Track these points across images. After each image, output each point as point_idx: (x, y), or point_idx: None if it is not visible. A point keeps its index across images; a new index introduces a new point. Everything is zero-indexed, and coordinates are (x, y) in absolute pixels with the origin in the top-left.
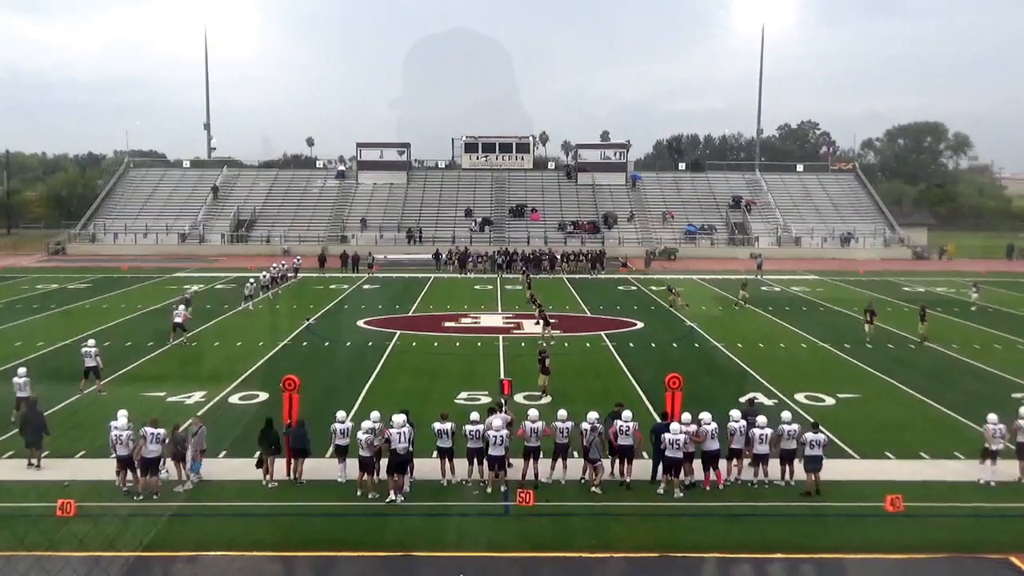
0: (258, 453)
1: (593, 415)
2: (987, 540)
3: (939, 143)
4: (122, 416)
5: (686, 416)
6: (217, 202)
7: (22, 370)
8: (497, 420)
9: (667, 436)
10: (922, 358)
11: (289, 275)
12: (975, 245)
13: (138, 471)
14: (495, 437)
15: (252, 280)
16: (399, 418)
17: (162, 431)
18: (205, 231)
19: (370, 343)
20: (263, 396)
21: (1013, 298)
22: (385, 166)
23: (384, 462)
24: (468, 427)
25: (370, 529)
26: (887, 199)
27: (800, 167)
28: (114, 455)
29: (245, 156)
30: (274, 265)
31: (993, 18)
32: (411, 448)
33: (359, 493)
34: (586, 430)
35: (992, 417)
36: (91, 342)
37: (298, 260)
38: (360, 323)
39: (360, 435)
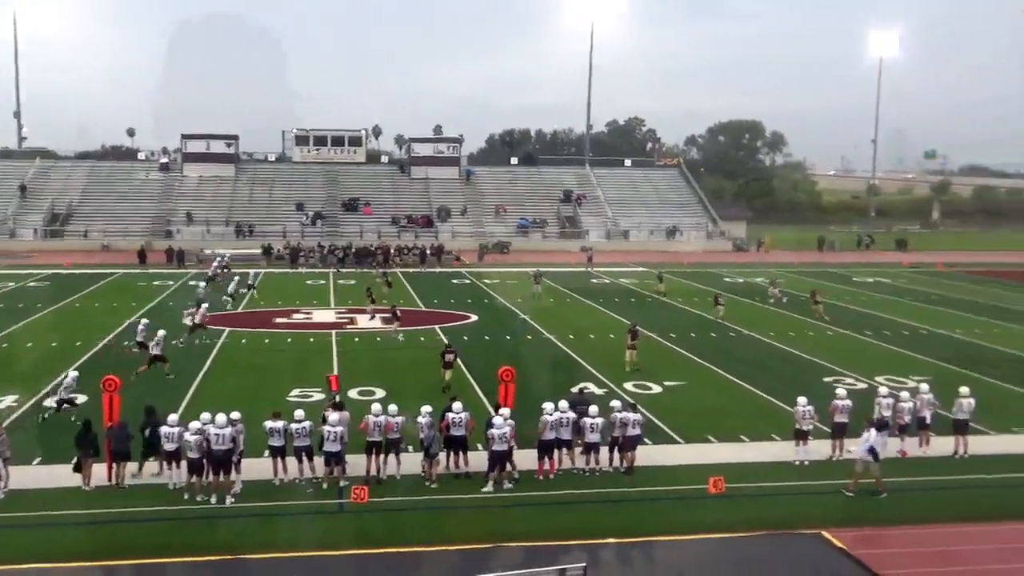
0: (75, 457)
1: (427, 408)
2: (801, 516)
3: (757, 141)
4: None
5: (549, 405)
6: (26, 199)
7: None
8: (334, 416)
9: (492, 430)
10: (742, 346)
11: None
12: (790, 237)
13: None
14: (331, 433)
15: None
16: (221, 418)
17: None
18: (16, 225)
19: (197, 341)
20: (81, 398)
21: (824, 288)
22: (212, 158)
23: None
24: (294, 425)
25: (199, 533)
26: (709, 194)
27: (628, 162)
28: None
29: (60, 146)
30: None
31: (806, 23)
32: (240, 448)
33: (186, 496)
34: (422, 424)
35: (802, 400)
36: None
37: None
38: (187, 320)
39: (187, 436)
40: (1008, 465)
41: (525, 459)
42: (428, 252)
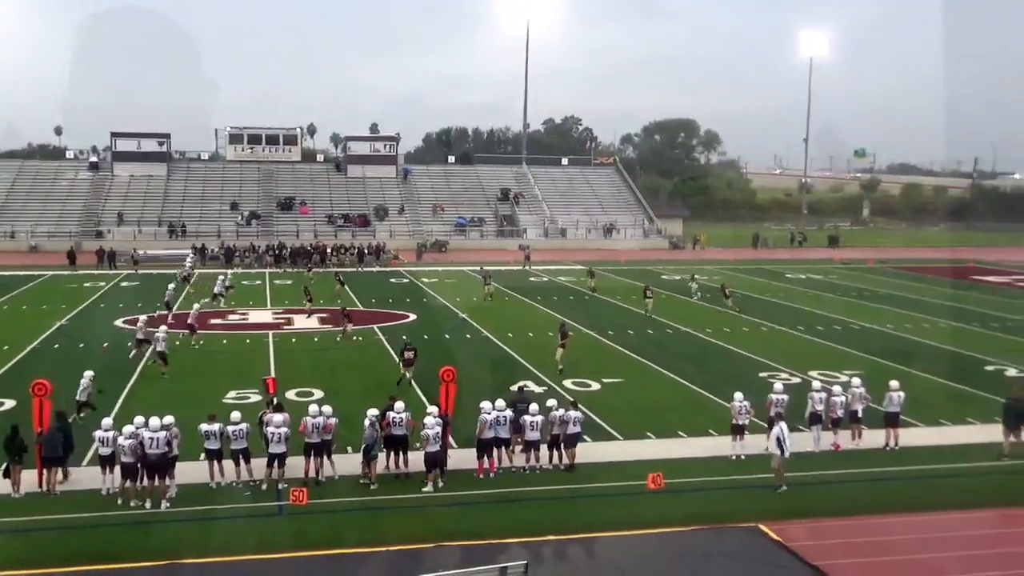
0: (4, 464)
1: (373, 412)
2: (738, 510)
3: (692, 139)
4: None
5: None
6: None
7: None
8: (279, 417)
9: (426, 431)
10: (678, 342)
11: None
12: (725, 235)
13: None
14: (276, 434)
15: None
16: (155, 421)
17: None
18: None
19: (130, 343)
20: (9, 404)
21: (758, 284)
22: (143, 157)
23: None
24: (231, 427)
25: (133, 539)
26: (645, 192)
27: (565, 161)
28: None
29: None
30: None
31: (741, 23)
32: (175, 452)
33: (120, 502)
34: (366, 425)
35: (738, 395)
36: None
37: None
38: (118, 322)
39: (121, 440)
40: (937, 456)
41: (465, 459)
42: (366, 251)
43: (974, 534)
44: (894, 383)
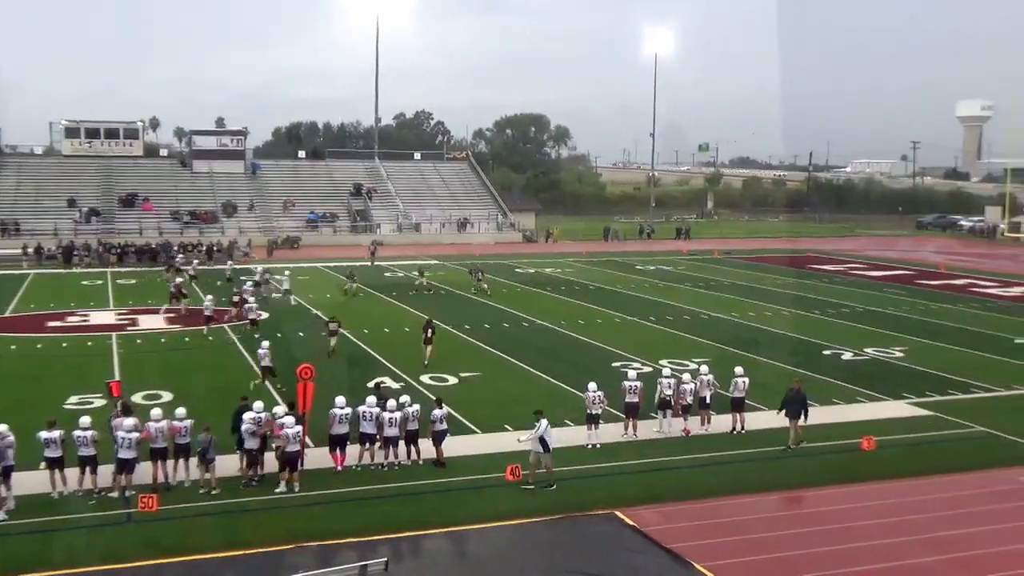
0: None
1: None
2: (595, 498)
3: (543, 134)
4: None
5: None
6: None
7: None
8: (129, 421)
9: (285, 430)
10: (534, 335)
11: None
12: (576, 228)
13: None
14: (126, 440)
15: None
16: None
17: None
18: None
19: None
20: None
21: (610, 276)
22: None
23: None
24: (78, 433)
25: None
26: (498, 186)
27: (417, 155)
28: None
29: None
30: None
31: (592, 20)
32: (10, 461)
33: None
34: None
35: (592, 385)
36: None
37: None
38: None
39: None
40: (780, 438)
41: (321, 457)
42: (215, 249)
43: (811, 512)
44: (739, 369)
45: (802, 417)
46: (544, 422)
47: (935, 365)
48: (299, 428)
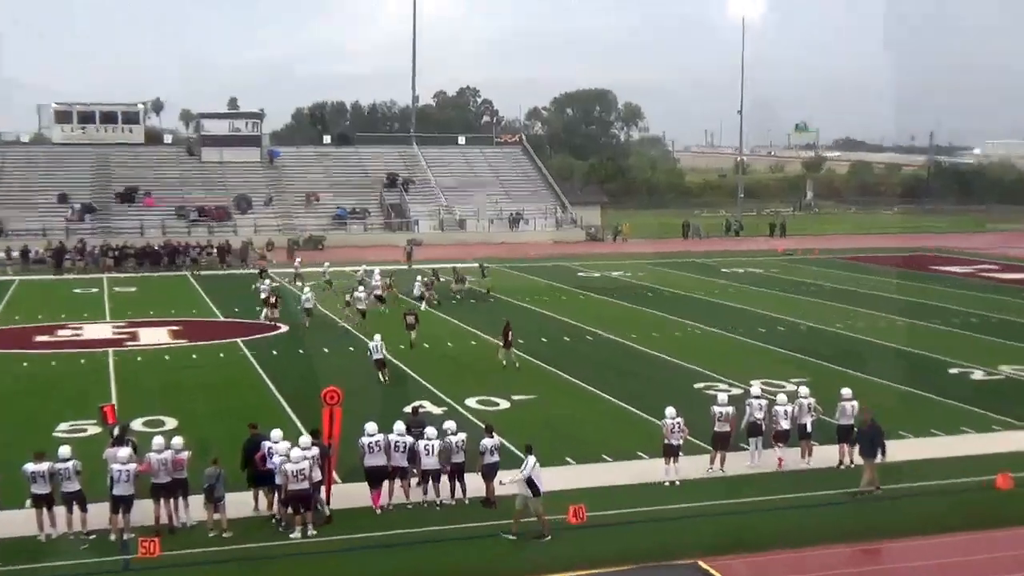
0: None
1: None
2: (675, 544)
3: (609, 113)
4: None
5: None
6: None
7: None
8: (124, 452)
9: (287, 465)
10: (600, 350)
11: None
12: (650, 224)
13: None
14: (122, 473)
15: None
16: None
17: None
18: None
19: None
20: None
21: (690, 281)
22: None
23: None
24: (59, 465)
25: None
26: (557, 175)
27: (462, 139)
28: None
29: None
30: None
31: None
32: None
33: None
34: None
35: (670, 411)
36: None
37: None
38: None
39: None
40: (897, 474)
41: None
42: (227, 251)
43: (933, 564)
44: (846, 391)
45: (878, 455)
46: (532, 459)
47: None
48: (304, 464)
